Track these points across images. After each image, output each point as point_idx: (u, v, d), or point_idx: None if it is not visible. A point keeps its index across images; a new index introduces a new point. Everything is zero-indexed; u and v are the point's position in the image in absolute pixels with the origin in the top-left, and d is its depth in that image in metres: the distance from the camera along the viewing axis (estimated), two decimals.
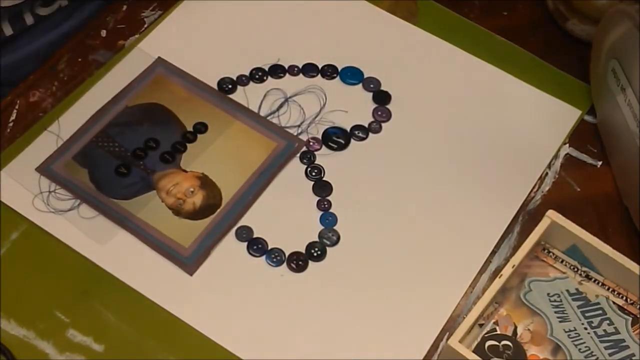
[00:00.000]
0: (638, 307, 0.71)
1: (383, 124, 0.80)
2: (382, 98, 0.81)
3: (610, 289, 0.72)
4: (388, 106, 0.81)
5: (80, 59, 0.81)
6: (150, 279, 0.70)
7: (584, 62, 0.83)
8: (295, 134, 0.78)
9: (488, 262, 0.73)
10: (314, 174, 0.76)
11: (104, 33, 0.83)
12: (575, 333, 0.70)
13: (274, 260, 0.72)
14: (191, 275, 0.70)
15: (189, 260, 0.71)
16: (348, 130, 0.79)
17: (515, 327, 0.70)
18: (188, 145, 0.76)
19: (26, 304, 0.68)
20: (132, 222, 0.72)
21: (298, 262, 0.72)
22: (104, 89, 0.79)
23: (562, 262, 0.73)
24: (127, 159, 0.75)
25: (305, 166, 0.76)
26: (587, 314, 0.70)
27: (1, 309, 0.67)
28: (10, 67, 0.81)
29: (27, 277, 0.69)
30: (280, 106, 0.79)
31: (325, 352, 0.68)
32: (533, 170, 0.78)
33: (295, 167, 0.76)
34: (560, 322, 0.70)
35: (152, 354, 0.67)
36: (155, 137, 0.76)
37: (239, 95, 0.80)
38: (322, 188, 0.75)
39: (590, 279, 0.73)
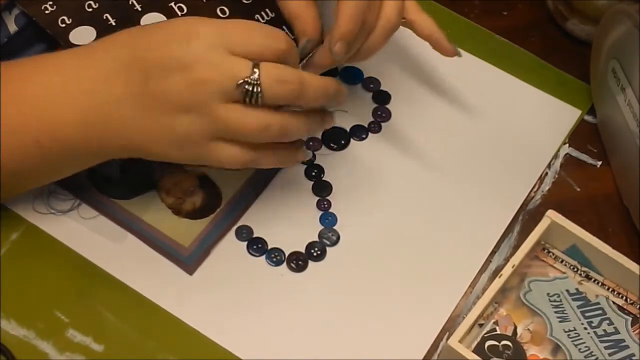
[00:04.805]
0: (638, 307, 0.71)
1: (383, 124, 0.80)
2: (382, 98, 0.81)
3: (610, 289, 0.72)
4: (388, 106, 0.80)
5: None
6: (150, 279, 0.70)
7: (584, 62, 0.83)
8: None
9: (488, 262, 0.73)
10: (313, 174, 0.76)
11: None
12: (575, 333, 0.70)
13: (274, 260, 0.72)
14: (191, 274, 0.70)
15: (189, 259, 0.71)
16: (348, 130, 0.79)
17: (515, 327, 0.70)
18: None
19: (26, 304, 0.68)
20: (132, 221, 0.72)
21: (298, 261, 0.72)
22: None
23: (562, 262, 0.73)
24: (127, 158, 0.75)
25: (305, 166, 0.76)
26: (587, 314, 0.70)
27: (1, 309, 0.67)
28: None
29: (27, 277, 0.69)
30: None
31: (325, 352, 0.68)
32: (533, 170, 0.78)
33: (295, 167, 0.76)
34: (560, 322, 0.70)
35: (152, 354, 0.67)
36: None
37: None
38: (322, 188, 0.75)
39: (590, 279, 0.73)
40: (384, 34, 0.69)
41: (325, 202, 0.75)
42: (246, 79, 0.61)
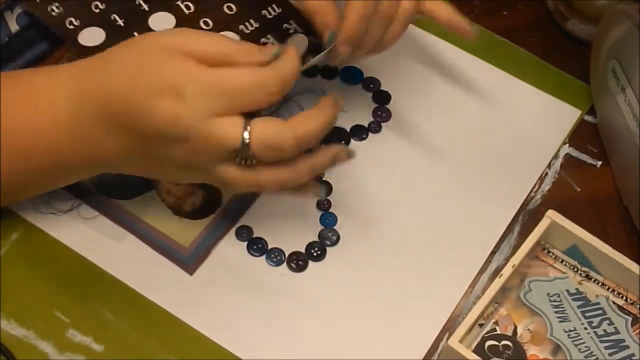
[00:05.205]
0: (638, 307, 0.72)
1: (383, 124, 0.80)
2: (382, 98, 0.81)
3: (610, 289, 0.72)
4: (388, 106, 0.81)
5: None
6: (150, 279, 0.70)
7: (584, 62, 0.83)
8: None
9: (488, 262, 0.73)
10: None
11: None
12: (575, 333, 0.70)
13: (274, 260, 0.72)
14: (191, 274, 0.70)
15: (189, 259, 0.71)
16: (348, 130, 0.79)
17: (515, 327, 0.70)
18: None
19: (26, 304, 0.68)
20: (132, 221, 0.72)
21: (298, 262, 0.72)
22: None
23: (562, 262, 0.73)
24: None
25: None
26: (587, 314, 0.70)
27: (1, 309, 0.67)
28: None
29: (27, 277, 0.69)
30: (280, 106, 0.79)
31: (325, 352, 0.68)
32: (533, 170, 0.78)
33: None
34: (560, 322, 0.70)
35: (152, 354, 0.67)
36: None
37: None
38: None
39: (590, 279, 0.73)
40: (402, 24, 0.70)
41: (325, 202, 0.75)
42: (236, 148, 0.59)
